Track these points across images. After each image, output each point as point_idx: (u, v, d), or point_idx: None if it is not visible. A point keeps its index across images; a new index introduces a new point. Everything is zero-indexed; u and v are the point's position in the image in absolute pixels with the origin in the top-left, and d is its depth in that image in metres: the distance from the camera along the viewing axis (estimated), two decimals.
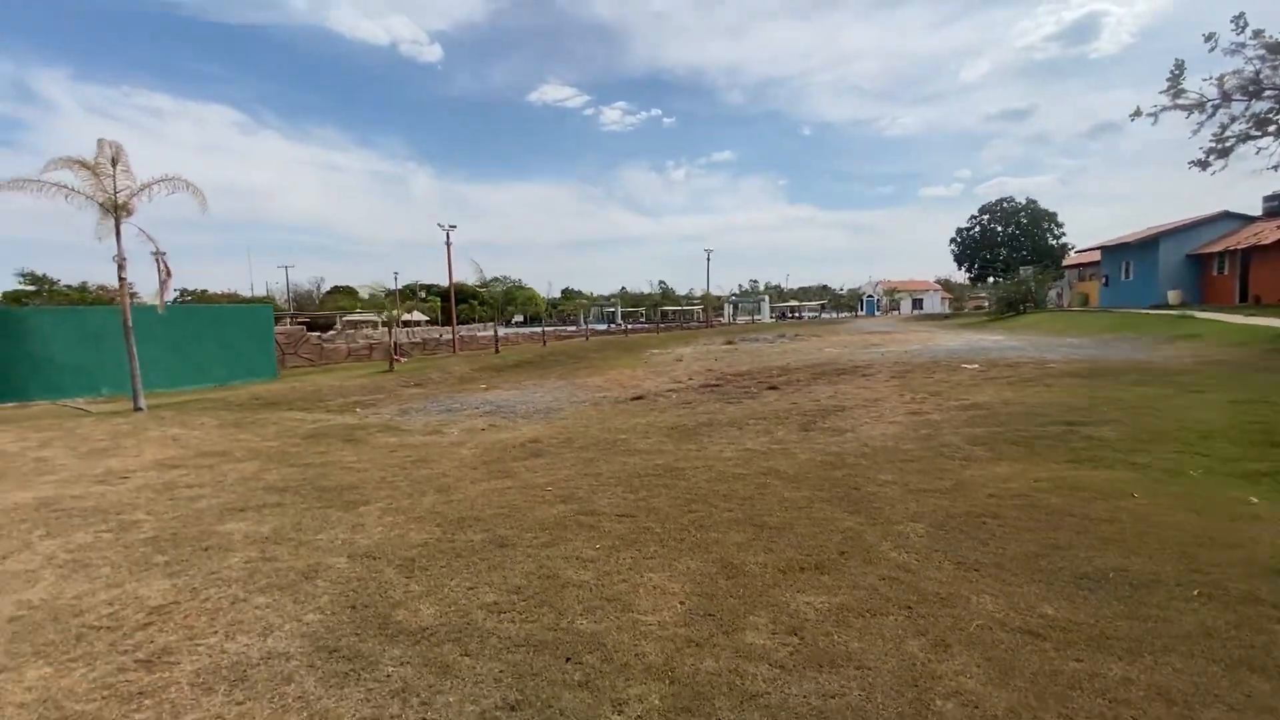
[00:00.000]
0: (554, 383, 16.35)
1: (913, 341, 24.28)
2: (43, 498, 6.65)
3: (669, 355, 23.95)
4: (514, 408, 12.19)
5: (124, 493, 6.80)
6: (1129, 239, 36.26)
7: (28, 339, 19.37)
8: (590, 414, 11.17)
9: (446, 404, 13.09)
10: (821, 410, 10.05)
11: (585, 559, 4.52)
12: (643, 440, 8.64)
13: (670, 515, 5.37)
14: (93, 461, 8.26)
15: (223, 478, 7.33)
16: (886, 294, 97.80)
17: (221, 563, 4.77)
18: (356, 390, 16.00)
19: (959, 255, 55.72)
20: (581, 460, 7.64)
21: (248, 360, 25.02)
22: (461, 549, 4.85)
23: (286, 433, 10.14)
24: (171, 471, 7.67)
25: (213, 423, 11.13)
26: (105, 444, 9.37)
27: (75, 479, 7.41)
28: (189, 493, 6.74)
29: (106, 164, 12.16)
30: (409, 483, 6.93)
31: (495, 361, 22.60)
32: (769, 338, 31.43)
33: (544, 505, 5.87)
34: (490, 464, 7.68)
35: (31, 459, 8.45)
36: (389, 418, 11.60)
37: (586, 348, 28.72)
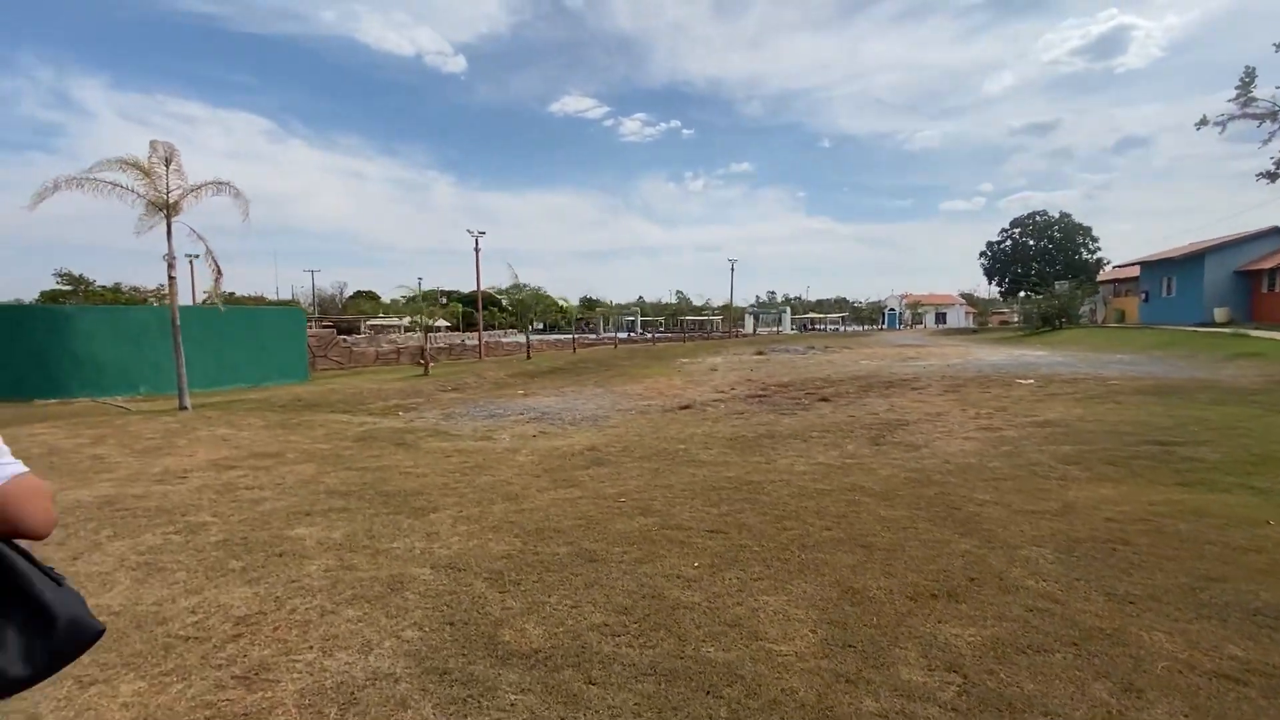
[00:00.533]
0: (592, 390, 16.10)
1: (950, 356, 23.74)
2: (104, 496, 6.50)
3: (701, 364, 23.63)
4: (560, 414, 11.95)
5: (185, 493, 6.63)
6: (1173, 254, 35.34)
7: (71, 337, 19.60)
8: (640, 423, 10.88)
9: (489, 409, 12.88)
10: (884, 424, 9.68)
11: (687, 578, 4.23)
12: (705, 451, 8.34)
13: (764, 533, 5.06)
14: (148, 460, 8.13)
15: (281, 480, 7.15)
16: (910, 307, 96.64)
17: (300, 570, 4.54)
18: (395, 394, 15.87)
19: (989, 269, 54.76)
20: (647, 471, 7.35)
21: (280, 362, 25.18)
22: (549, 562, 4.58)
23: (335, 435, 9.98)
24: (229, 472, 7.51)
25: (259, 423, 11.01)
26: (157, 442, 9.26)
27: (134, 477, 7.27)
28: (250, 494, 6.56)
29: (159, 164, 12.19)
30: (473, 490, 6.68)
31: (528, 368, 22.43)
32: (799, 349, 30.99)
33: (622, 517, 5.58)
34: (552, 472, 7.42)
35: (87, 456, 8.35)
36: (434, 422, 11.41)
37: (616, 355, 28.49)
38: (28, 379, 18.96)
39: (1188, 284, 34.05)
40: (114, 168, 11.91)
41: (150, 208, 12.32)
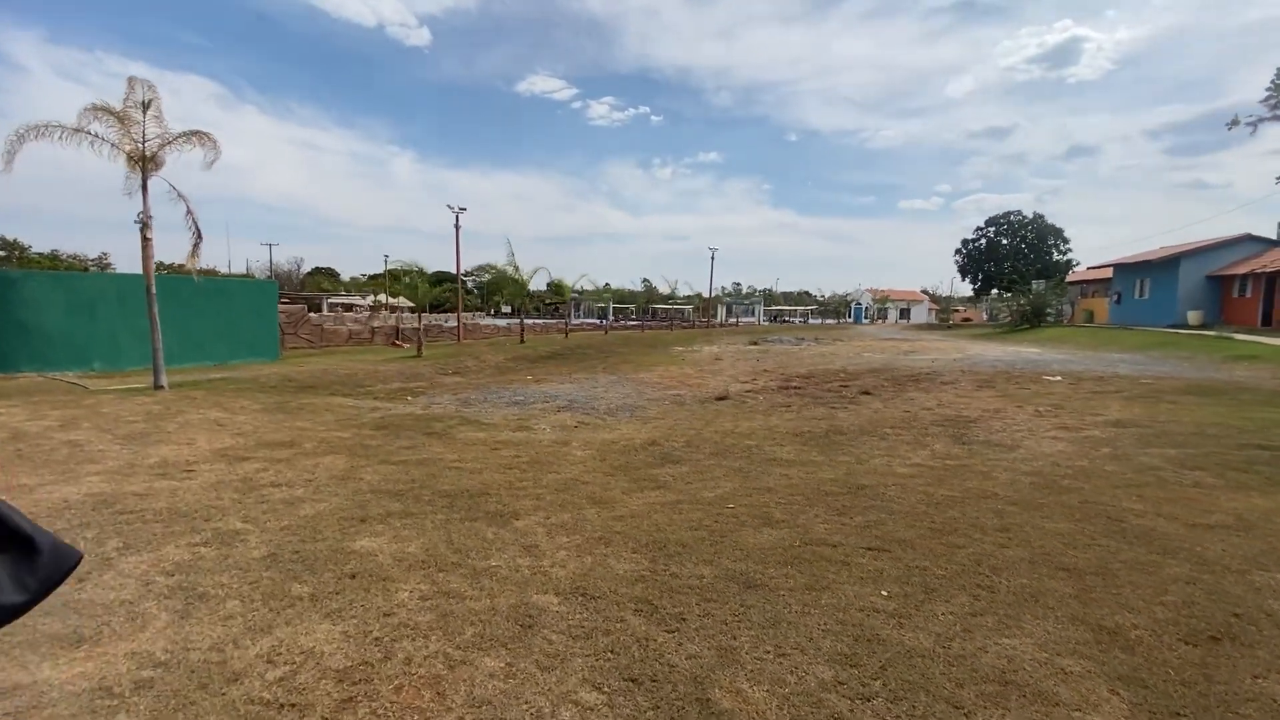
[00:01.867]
0: (605, 377, 15.18)
1: (948, 350, 23.56)
2: (96, 494, 5.36)
3: (700, 353, 22.90)
4: (589, 403, 11.02)
5: (197, 490, 5.53)
6: (1150, 256, 36.17)
7: (16, 305, 17.61)
8: (683, 415, 10.05)
9: (507, 396, 11.85)
10: (948, 420, 9.09)
11: (888, 612, 3.45)
12: (779, 448, 7.58)
13: (932, 550, 4.31)
14: (138, 448, 6.93)
15: (311, 475, 6.09)
16: (877, 302, 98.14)
17: (389, 598, 3.60)
18: (393, 376, 14.64)
19: (963, 266, 55.55)
20: (731, 471, 6.54)
21: (249, 339, 23.41)
22: (699, 587, 3.75)
23: (349, 422, 8.86)
24: (242, 465, 6.40)
25: (255, 406, 9.77)
26: (142, 427, 8.01)
27: (127, 470, 6.10)
28: (280, 494, 5.50)
29: (135, 109, 10.69)
30: (546, 490, 5.77)
31: (526, 352, 21.28)
32: (789, 340, 30.58)
33: (745, 529, 4.78)
34: (623, 470, 6.55)
35: (60, 442, 7.08)
36: (454, 408, 10.35)
37: (610, 342, 27.52)
38: None
39: (1161, 287, 34.87)
40: (89, 116, 10.37)
41: (128, 161, 10.81)
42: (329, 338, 29.67)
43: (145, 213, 11.02)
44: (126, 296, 19.93)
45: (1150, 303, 35.90)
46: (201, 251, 11.40)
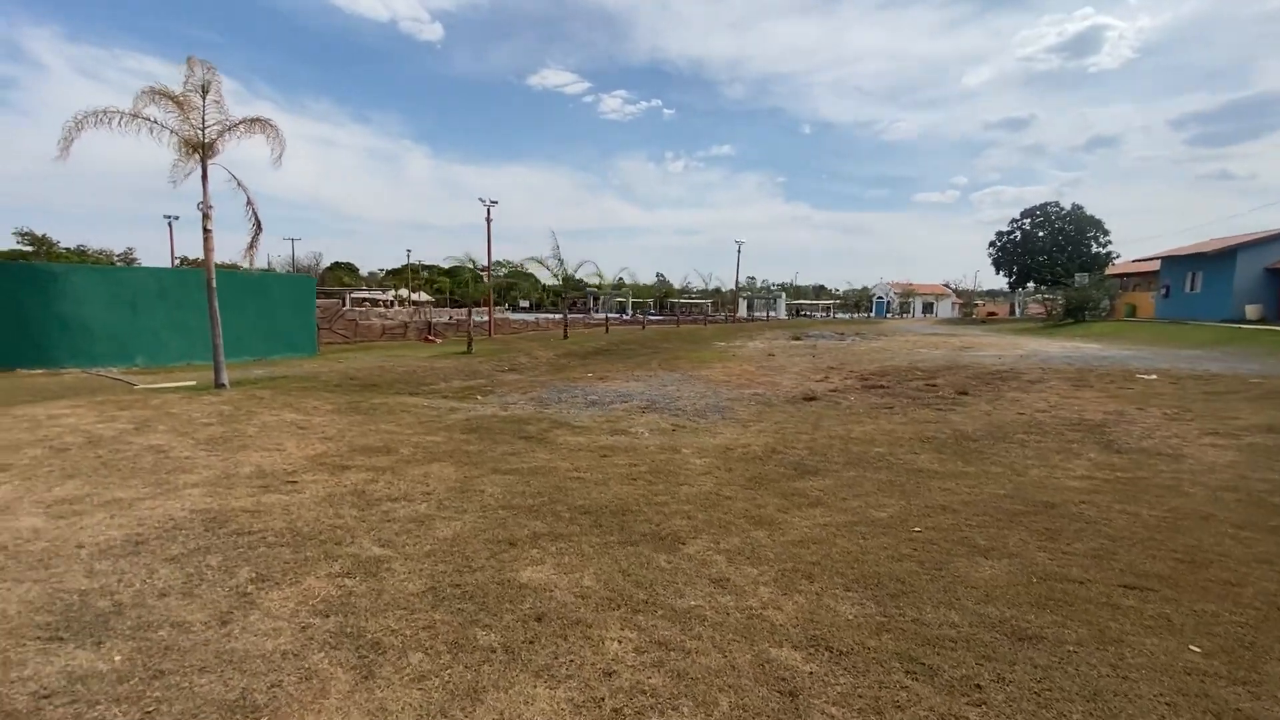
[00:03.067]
0: (667, 374, 14.55)
1: (1005, 347, 22.65)
2: (203, 510, 4.81)
3: (747, 349, 22.19)
4: (668, 404, 10.40)
5: (311, 506, 4.97)
6: (1203, 248, 34.90)
7: (59, 299, 17.28)
8: (780, 417, 9.40)
9: (578, 395, 11.26)
10: (1076, 424, 8.37)
11: (1220, 675, 2.80)
12: (914, 456, 6.92)
13: (1204, 589, 3.66)
14: (226, 455, 6.40)
15: (427, 487, 5.52)
16: (903, 296, 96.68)
17: (598, 651, 3.01)
18: (453, 374, 14.09)
19: (998, 260, 54.19)
20: (881, 484, 5.90)
21: (288, 334, 23.00)
22: (965, 640, 3.12)
23: (434, 424, 8.30)
24: (345, 475, 5.84)
25: (326, 407, 9.25)
26: (220, 430, 7.50)
27: (225, 481, 5.56)
28: (403, 510, 4.93)
29: (194, 93, 10.17)
30: (691, 506, 5.16)
31: (572, 348, 20.68)
32: (830, 335, 29.77)
33: (956, 559, 4.14)
34: (759, 482, 5.92)
35: (141, 447, 6.57)
36: (532, 409, 9.77)
37: (650, 337, 26.87)
38: (11, 346, 16.65)
39: (1216, 280, 33.62)
40: (146, 99, 9.87)
41: (185, 147, 10.30)
42: (363, 333, 29.30)
43: (205, 202, 10.51)
44: (168, 291, 19.62)
45: (1203, 296, 34.66)
46: (260, 242, 10.87)
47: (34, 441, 6.66)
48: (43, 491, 5.15)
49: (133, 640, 3.06)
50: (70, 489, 5.22)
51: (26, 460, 5.99)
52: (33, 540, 4.19)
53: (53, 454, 6.24)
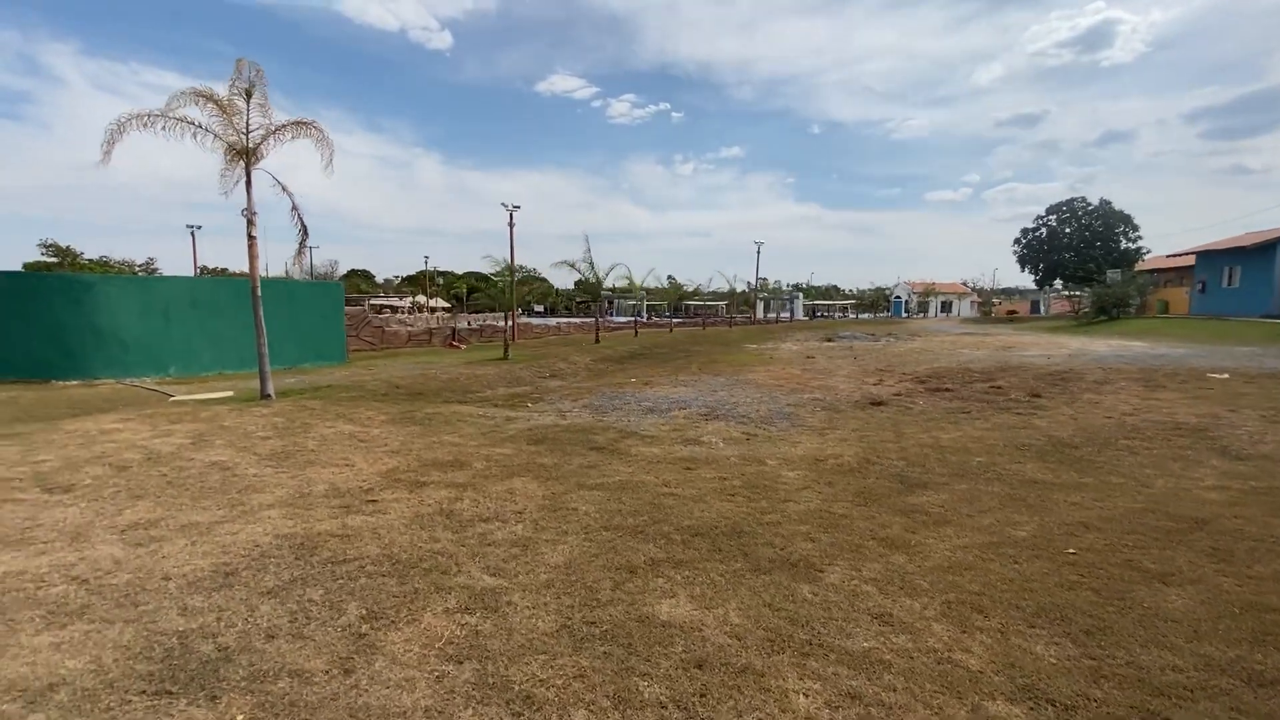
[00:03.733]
0: (711, 379, 14.12)
1: (1047, 346, 22.01)
2: (287, 535, 4.46)
3: (781, 351, 21.72)
4: (728, 410, 9.97)
5: (401, 528, 4.61)
6: (1242, 242, 33.97)
7: (93, 310, 17.18)
8: (855, 423, 8.95)
9: (630, 402, 10.86)
10: (1175, 428, 7.87)
11: None
12: (1019, 466, 6.46)
13: None
14: (294, 471, 6.07)
15: (516, 506, 5.14)
16: (922, 295, 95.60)
17: (786, 707, 2.60)
18: (495, 381, 13.75)
19: (1023, 256, 53.21)
20: (1002, 499, 5.46)
21: (317, 342, 22.83)
22: (1205, 690, 2.69)
23: (496, 434, 7.94)
24: (425, 492, 5.48)
25: (380, 418, 8.93)
26: (279, 444, 7.18)
27: (300, 501, 5.22)
28: (501, 532, 4.56)
29: (239, 97, 9.92)
30: (807, 526, 4.75)
31: (606, 352, 20.29)
32: (862, 336, 29.21)
33: (1137, 586, 3.71)
34: (868, 498, 5.50)
35: (204, 465, 6.26)
36: (590, 416, 9.38)
37: (680, 340, 26.44)
38: (45, 357, 16.56)
39: (1255, 274, 32.67)
40: (188, 101, 9.63)
41: (229, 152, 10.06)
42: (389, 339, 29.13)
43: (250, 209, 10.25)
44: (200, 300, 19.50)
45: (1241, 292, 33.71)
46: (306, 249, 10.58)
47: (92, 459, 6.37)
48: (113, 515, 4.83)
49: (251, 694, 2.70)
50: (142, 511, 4.90)
51: (89, 480, 5.69)
52: (114, 572, 3.85)
53: (115, 472, 5.94)
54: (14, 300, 16.71)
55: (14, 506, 4.98)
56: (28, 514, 4.83)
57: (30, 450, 6.68)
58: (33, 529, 4.54)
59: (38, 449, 6.74)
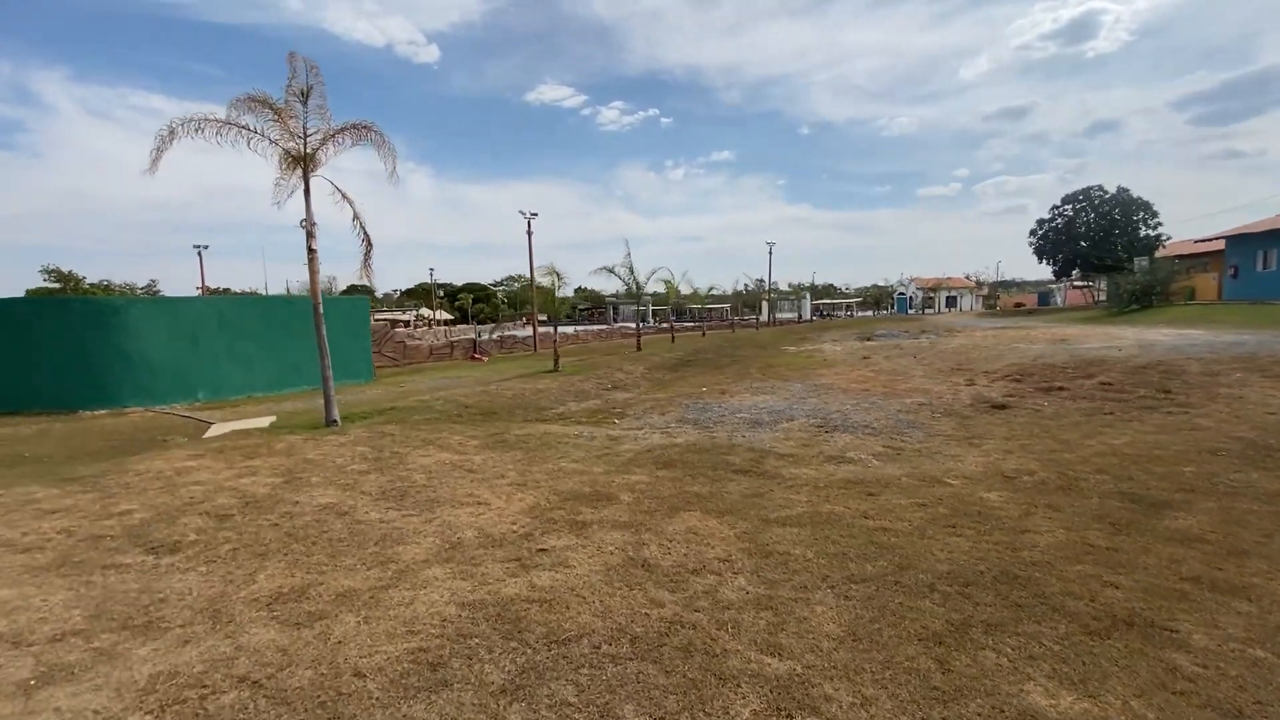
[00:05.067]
0: (783, 384, 13.30)
1: (1102, 337, 21.23)
2: (475, 603, 3.64)
3: (829, 352, 20.92)
4: (841, 420, 9.15)
5: (601, 586, 3.79)
6: (1278, 224, 33.33)
7: (121, 334, 16.34)
8: (1000, 432, 8.13)
9: (723, 413, 10.04)
10: None
11: None
12: (1248, 475, 5.66)
13: None
14: (426, 514, 5.23)
15: (715, 551, 4.32)
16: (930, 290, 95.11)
17: None
18: (563, 395, 12.90)
19: (1039, 248, 52.52)
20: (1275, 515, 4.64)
21: (345, 360, 21.81)
22: None
23: (611, 458, 7.12)
24: (591, 534, 4.66)
25: (470, 442, 8.10)
26: (383, 480, 6.35)
27: (457, 554, 4.39)
28: (727, 589, 3.74)
29: (295, 99, 9.12)
30: (1095, 567, 3.93)
31: (653, 359, 19.43)
32: (899, 333, 28.44)
33: None
34: (1118, 526, 4.70)
35: (313, 509, 5.42)
36: (699, 434, 8.53)
37: (718, 344, 25.61)
38: (72, 385, 15.71)
39: None
40: (243, 107, 8.84)
41: (285, 159, 9.26)
42: (411, 354, 28.30)
43: (309, 220, 9.44)
44: (227, 320, 18.67)
45: (1278, 275, 33.06)
46: (372, 260, 9.76)
47: (183, 507, 5.53)
48: (245, 582, 4.00)
49: None
50: (277, 576, 4.07)
51: (194, 535, 4.85)
52: (288, 668, 3.03)
53: (217, 523, 5.11)
54: (38, 327, 15.87)
55: (122, 575, 4.15)
56: (142, 584, 4.00)
57: (108, 498, 5.84)
58: (158, 606, 3.71)
59: (115, 496, 5.90)
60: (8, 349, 15.64)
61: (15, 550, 4.58)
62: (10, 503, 5.79)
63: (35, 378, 15.63)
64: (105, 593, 3.89)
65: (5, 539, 4.79)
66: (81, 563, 4.34)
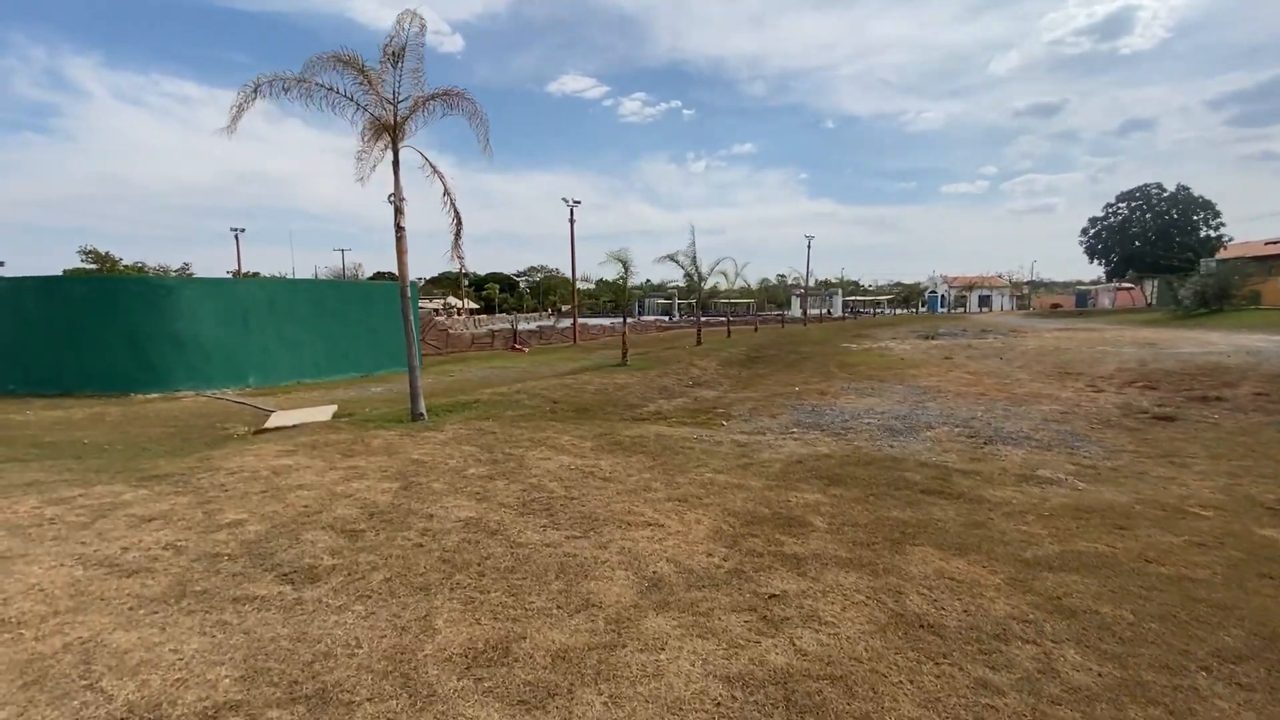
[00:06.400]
0: (878, 385, 12.29)
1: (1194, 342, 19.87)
2: (739, 677, 2.75)
3: (897, 350, 19.81)
4: (994, 432, 8.15)
5: (892, 659, 2.88)
6: None
7: (173, 315, 15.73)
8: (1188, 448, 7.10)
9: (844, 418, 9.07)
10: None
11: None
12: None
13: None
14: (588, 534, 4.36)
15: (999, 607, 3.39)
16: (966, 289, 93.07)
17: None
18: (648, 392, 12.00)
19: (1092, 247, 50.63)
20: None
21: (392, 347, 21.24)
22: None
23: (760, 470, 6.21)
24: (812, 572, 3.75)
25: (584, 444, 7.23)
26: (515, 488, 5.49)
27: (666, 595, 3.50)
28: (1075, 672, 2.81)
29: (386, 61, 8.27)
30: None
31: (722, 355, 18.41)
32: (958, 332, 27.18)
33: None
34: None
35: (456, 524, 4.57)
36: (838, 443, 7.59)
37: (771, 340, 24.57)
38: (123, 368, 15.14)
39: None
40: (325, 66, 8.01)
41: (371, 128, 8.43)
42: (453, 343, 27.64)
43: (398, 195, 8.59)
44: (278, 303, 18.02)
45: None
46: (463, 241, 8.90)
47: (300, 518, 4.72)
48: (422, 630, 3.15)
49: None
50: (460, 623, 3.21)
51: (327, 557, 4.02)
52: None
53: (348, 540, 4.28)
54: (91, 307, 15.31)
55: (261, 613, 3.32)
56: (292, 628, 3.17)
57: (208, 503, 5.05)
58: (324, 663, 2.86)
59: (216, 501, 5.11)
60: (59, 328, 15.11)
61: (120, 572, 3.78)
62: (95, 505, 5.01)
63: (85, 359, 15.08)
64: (250, 640, 3.06)
65: (104, 555, 4.00)
66: (205, 593, 3.53)
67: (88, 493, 5.36)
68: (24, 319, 15.34)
